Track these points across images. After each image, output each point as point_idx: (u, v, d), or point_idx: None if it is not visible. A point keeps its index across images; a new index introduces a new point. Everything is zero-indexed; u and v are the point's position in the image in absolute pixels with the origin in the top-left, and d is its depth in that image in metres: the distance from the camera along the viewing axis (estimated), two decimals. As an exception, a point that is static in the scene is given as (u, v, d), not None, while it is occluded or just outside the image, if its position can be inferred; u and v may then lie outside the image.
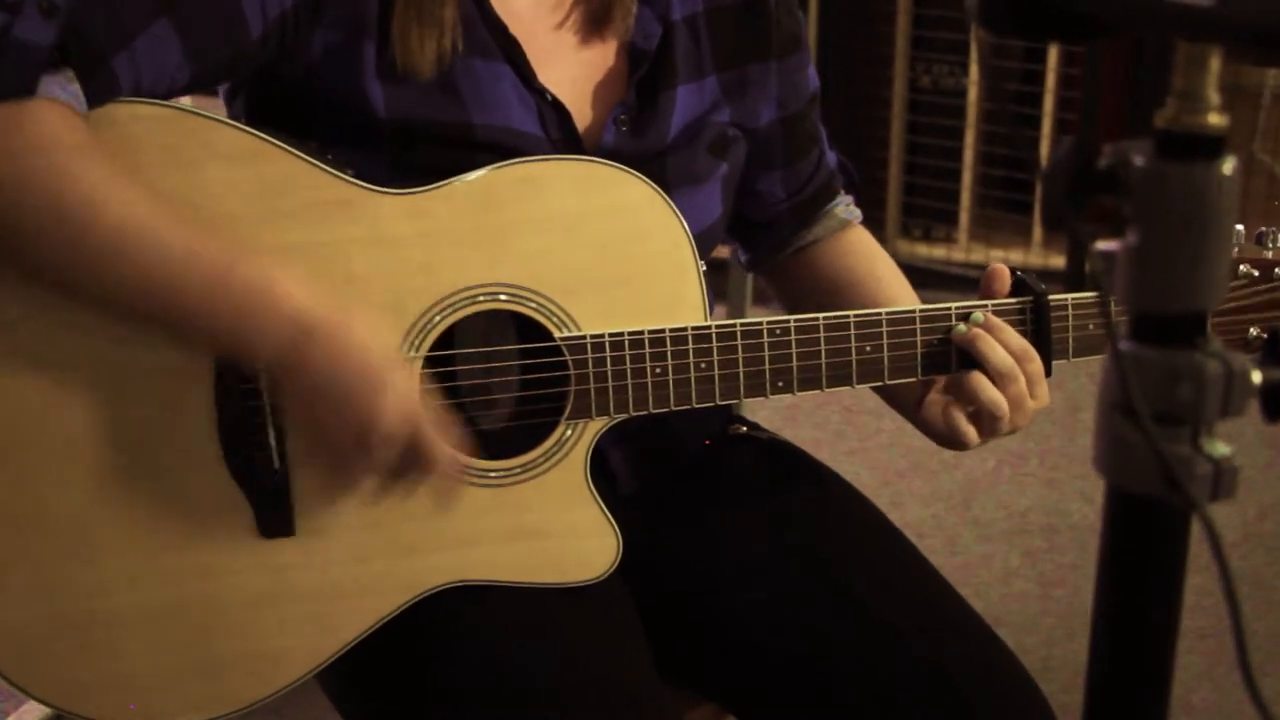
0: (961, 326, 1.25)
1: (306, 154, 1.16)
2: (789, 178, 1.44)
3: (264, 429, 1.17)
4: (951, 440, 1.28)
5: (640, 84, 1.29)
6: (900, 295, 1.42)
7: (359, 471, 1.14)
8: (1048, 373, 1.27)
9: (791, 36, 1.39)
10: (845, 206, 1.49)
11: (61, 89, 1.08)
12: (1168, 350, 0.66)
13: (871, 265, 1.46)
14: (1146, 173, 0.63)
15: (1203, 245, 0.64)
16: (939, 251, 3.97)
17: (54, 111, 1.07)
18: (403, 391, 1.11)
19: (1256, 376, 0.67)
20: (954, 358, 1.26)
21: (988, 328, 1.24)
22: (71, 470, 1.16)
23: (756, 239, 1.49)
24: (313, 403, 1.11)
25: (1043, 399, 1.25)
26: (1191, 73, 0.62)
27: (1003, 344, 1.24)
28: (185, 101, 1.18)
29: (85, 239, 1.07)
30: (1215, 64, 0.62)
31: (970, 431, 1.26)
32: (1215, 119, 0.63)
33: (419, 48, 1.19)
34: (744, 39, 1.35)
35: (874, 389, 1.30)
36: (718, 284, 1.39)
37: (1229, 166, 0.63)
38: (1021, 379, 1.24)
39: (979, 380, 1.23)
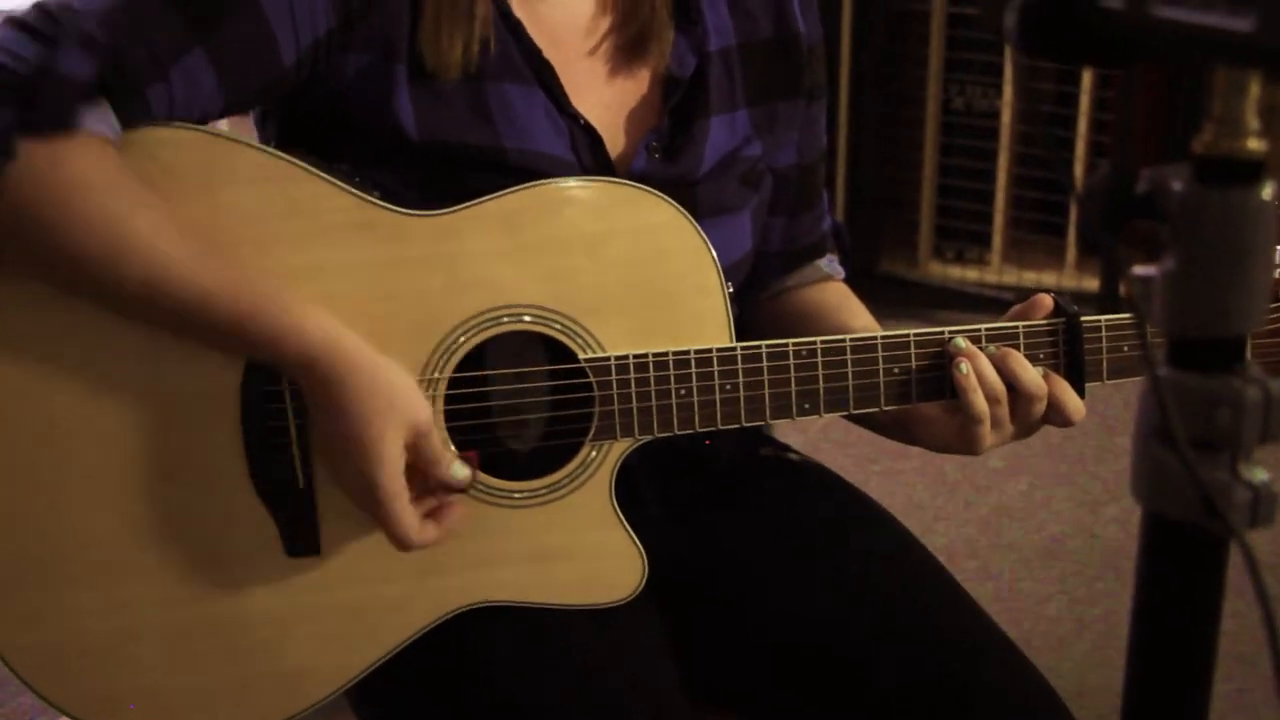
0: (992, 348, 1.24)
1: (333, 176, 1.16)
2: (789, 225, 1.43)
3: (289, 448, 1.17)
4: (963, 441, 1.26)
5: (674, 112, 1.29)
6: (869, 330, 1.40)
7: (375, 505, 1.15)
8: (1081, 394, 1.25)
9: (818, 85, 1.40)
10: (829, 262, 1.48)
11: (100, 121, 1.09)
12: (1206, 376, 0.65)
13: (843, 316, 1.43)
14: (1185, 198, 0.62)
15: (1241, 270, 0.63)
16: (971, 273, 3.96)
17: (90, 148, 1.08)
18: (409, 412, 1.12)
19: (1296, 403, 0.66)
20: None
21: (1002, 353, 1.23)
22: (100, 489, 1.16)
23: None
24: (326, 421, 1.13)
25: (1073, 416, 1.24)
26: (1230, 98, 0.62)
27: (1006, 373, 1.23)
28: (223, 124, 1.19)
29: (114, 277, 1.09)
30: (1254, 89, 0.61)
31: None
32: (1254, 144, 0.62)
33: (448, 46, 1.19)
34: (776, 75, 1.35)
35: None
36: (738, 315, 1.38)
37: (1268, 192, 0.62)
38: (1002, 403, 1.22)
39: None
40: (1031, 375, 1.22)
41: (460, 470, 1.15)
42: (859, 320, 1.41)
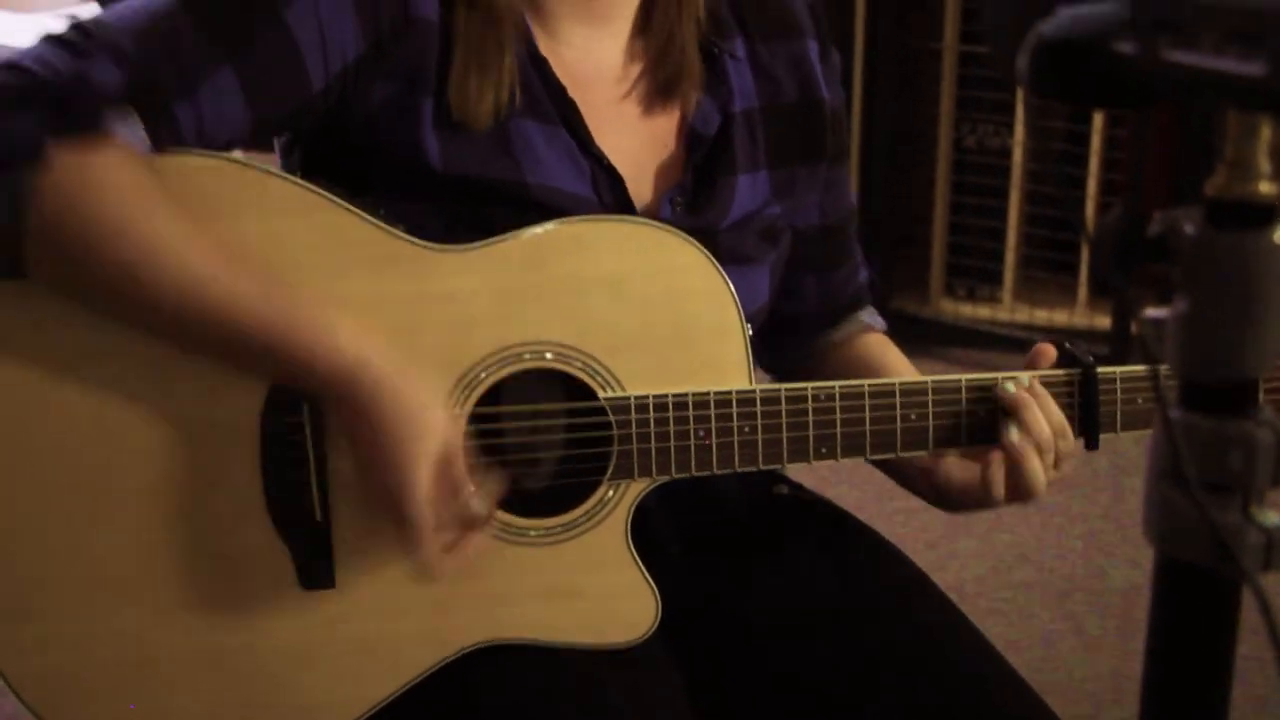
0: (1010, 386, 1.24)
1: (357, 208, 1.17)
2: (821, 283, 1.44)
3: (308, 481, 1.18)
4: (980, 494, 1.26)
5: (697, 168, 1.30)
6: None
7: (401, 530, 1.14)
8: (1095, 446, 1.26)
9: (841, 149, 1.41)
10: (870, 314, 1.49)
11: (128, 129, 1.10)
12: (1218, 418, 0.65)
13: (889, 358, 1.45)
14: (1197, 241, 0.63)
15: (1253, 313, 0.63)
16: (983, 311, 3.96)
17: (120, 153, 1.09)
18: (439, 438, 1.12)
19: (1309, 446, 0.66)
20: (999, 427, 1.25)
21: (1033, 395, 1.24)
22: (116, 517, 1.17)
23: (783, 329, 1.47)
24: (355, 442, 1.14)
25: (1065, 472, 1.26)
26: (1242, 141, 0.62)
27: (1045, 413, 1.23)
28: (238, 153, 1.20)
29: (145, 283, 1.09)
30: (1266, 133, 0.62)
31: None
32: (1266, 187, 0.62)
33: (477, 98, 1.20)
34: (797, 140, 1.36)
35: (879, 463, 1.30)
36: (759, 355, 1.39)
37: (1280, 235, 0.63)
38: (1051, 453, 1.23)
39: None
40: (1042, 424, 1.23)
41: (479, 505, 1.15)
42: (898, 372, 1.41)
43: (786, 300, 1.43)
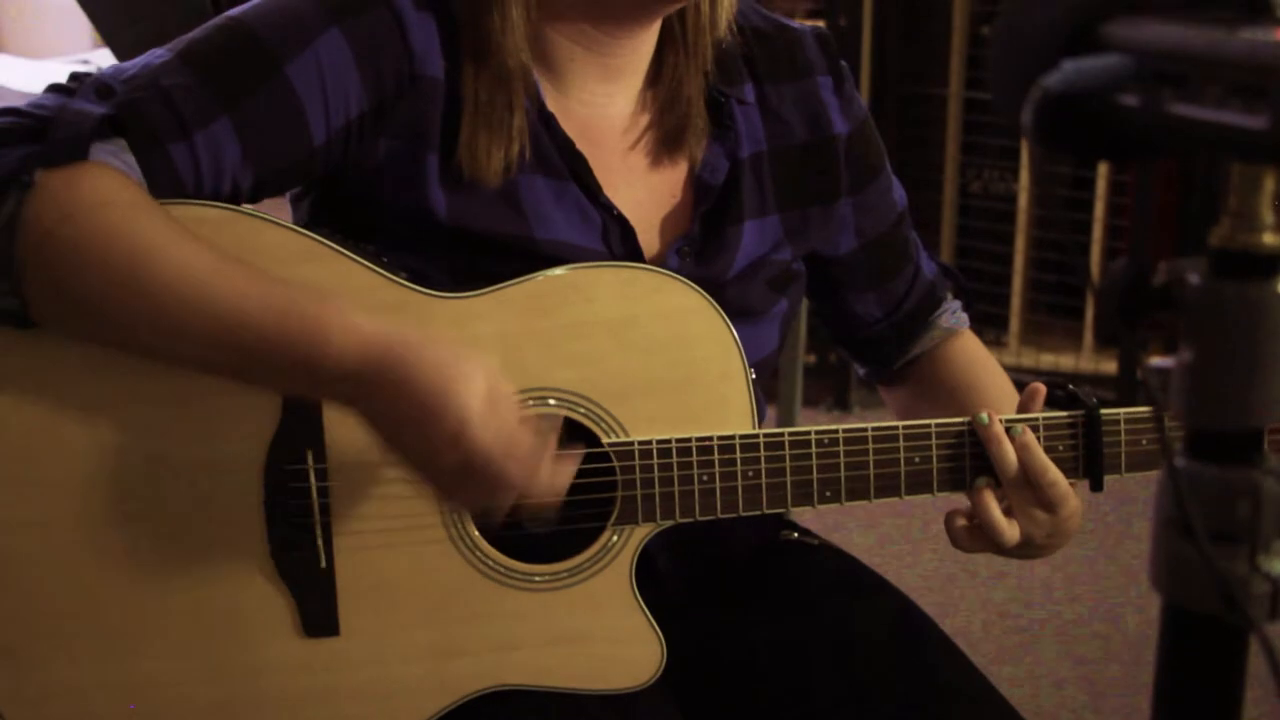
0: (984, 417, 1.24)
1: (360, 257, 1.17)
2: (884, 297, 1.44)
3: (312, 527, 1.18)
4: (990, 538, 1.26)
5: (705, 217, 1.30)
6: (996, 404, 1.38)
7: (465, 494, 1.12)
8: (1099, 488, 1.26)
9: (868, 168, 1.39)
10: (950, 314, 1.48)
11: (114, 156, 1.11)
12: (1224, 468, 0.65)
13: (971, 375, 1.45)
14: (1201, 291, 0.63)
15: (1258, 363, 0.63)
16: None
17: (106, 173, 1.10)
18: (454, 423, 1.06)
19: (1315, 496, 0.66)
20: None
21: (1021, 440, 1.24)
22: (120, 564, 1.17)
23: (863, 355, 1.49)
24: (396, 429, 1.09)
25: (1064, 517, 1.26)
26: (1246, 193, 0.62)
27: (1026, 457, 1.23)
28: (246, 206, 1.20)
29: (143, 294, 1.08)
30: (1270, 185, 0.62)
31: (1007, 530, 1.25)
32: (1270, 239, 0.63)
33: (486, 156, 1.20)
34: (807, 181, 1.35)
35: None
36: (768, 387, 1.39)
37: (1285, 285, 0.63)
38: (1023, 492, 1.24)
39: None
40: (1051, 470, 1.24)
41: (541, 425, 1.11)
42: (981, 399, 1.40)
43: (853, 325, 1.44)
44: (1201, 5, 0.64)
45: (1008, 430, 1.24)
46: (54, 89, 1.14)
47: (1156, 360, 0.88)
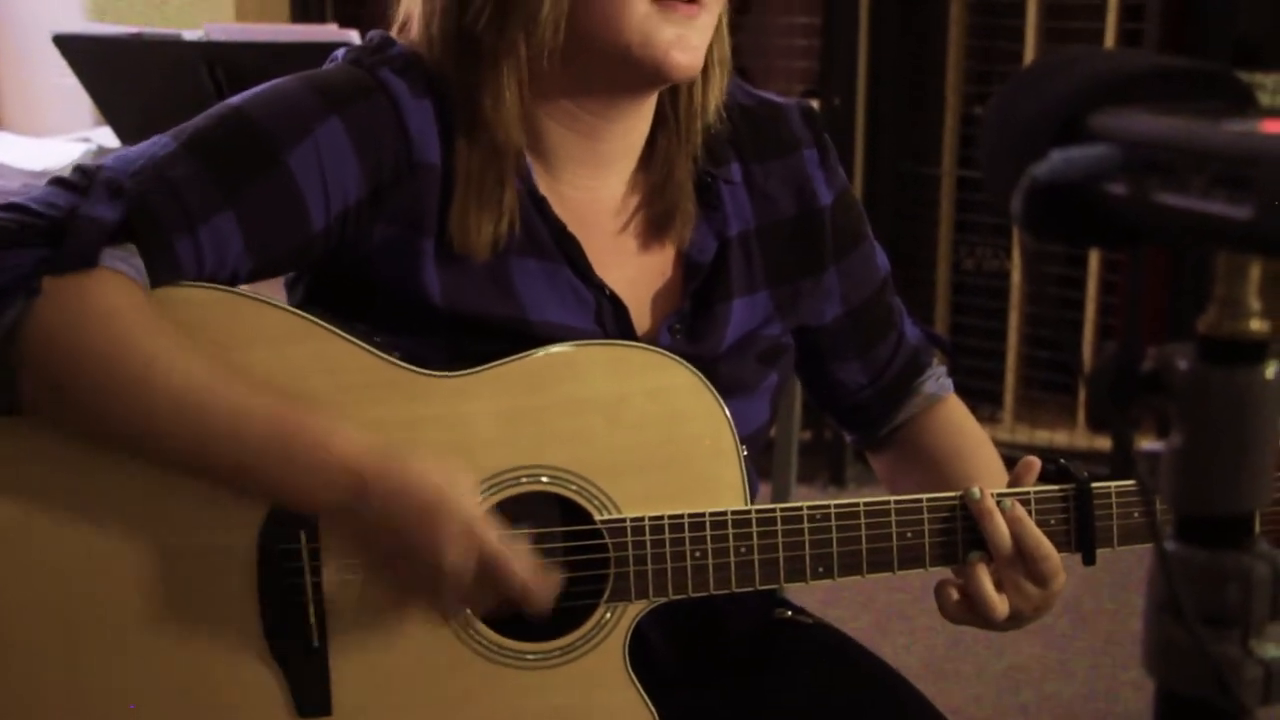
0: (975, 492, 1.25)
1: (354, 336, 1.18)
2: (868, 365, 1.44)
3: (305, 606, 1.18)
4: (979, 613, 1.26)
5: (695, 295, 1.31)
6: (980, 471, 1.41)
7: (444, 606, 1.16)
8: (1092, 561, 1.26)
9: (850, 235, 1.40)
10: (935, 380, 1.48)
11: (123, 261, 1.12)
12: (1214, 551, 0.66)
13: (957, 442, 1.46)
14: (1190, 377, 0.64)
15: (1247, 449, 0.64)
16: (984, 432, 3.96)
17: (114, 282, 1.11)
18: (463, 522, 1.12)
19: (1306, 579, 0.66)
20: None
21: (1013, 515, 1.24)
22: (111, 645, 1.16)
23: (850, 423, 1.50)
24: (377, 548, 1.14)
25: (1055, 590, 1.26)
26: (1232, 280, 0.63)
27: (1019, 532, 1.23)
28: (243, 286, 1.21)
29: (144, 404, 1.11)
30: (1256, 273, 0.63)
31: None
32: (1257, 325, 0.63)
33: (476, 230, 1.21)
34: (796, 255, 1.36)
35: None
36: (762, 462, 1.40)
37: (1272, 371, 0.63)
38: (1015, 568, 1.24)
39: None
40: (1043, 544, 1.23)
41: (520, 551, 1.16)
42: (967, 465, 1.42)
43: (838, 393, 1.45)
44: (1187, 97, 0.66)
45: (998, 504, 1.24)
46: (64, 184, 1.15)
47: (1147, 444, 0.89)
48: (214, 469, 1.14)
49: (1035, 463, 1.29)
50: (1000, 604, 1.24)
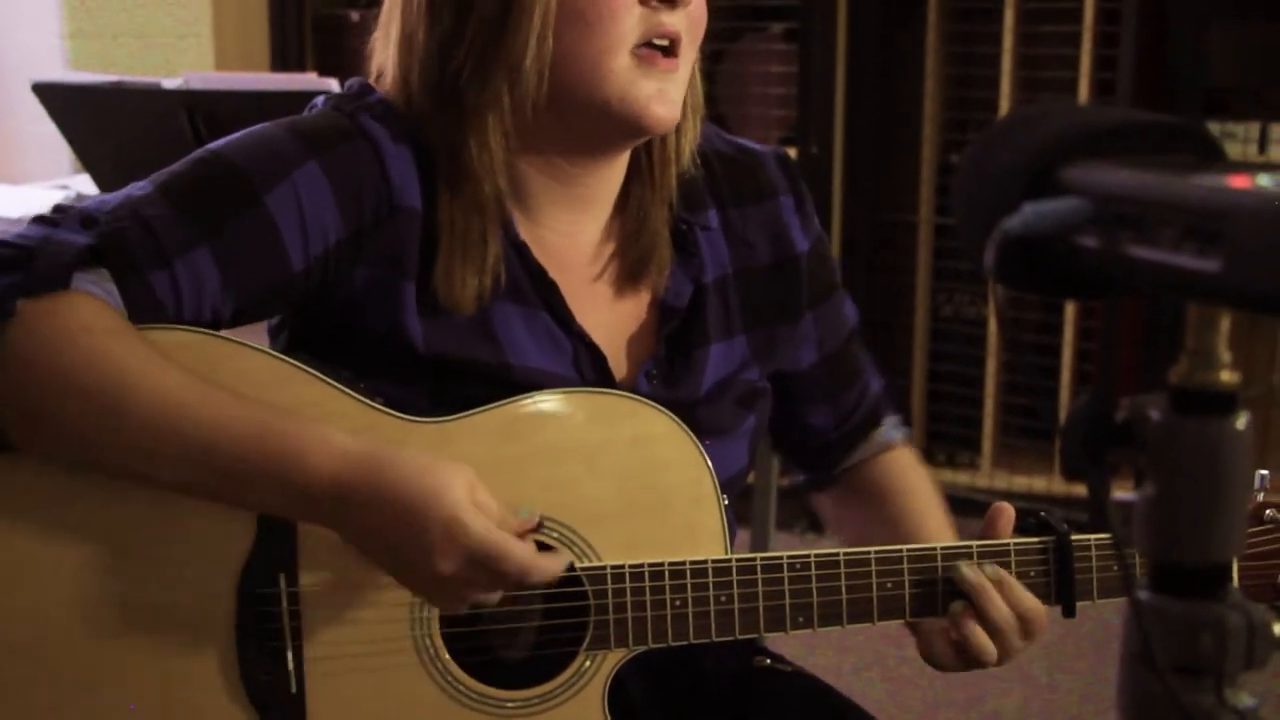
0: (965, 569, 1.25)
1: (337, 381, 1.18)
2: (836, 410, 1.45)
3: (283, 651, 1.17)
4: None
5: (670, 339, 1.32)
6: (926, 506, 1.43)
7: (462, 590, 1.13)
8: (1072, 614, 1.27)
9: (824, 284, 1.42)
10: (891, 428, 1.50)
11: (95, 285, 1.13)
12: (1188, 602, 0.66)
13: (907, 482, 1.47)
14: (1162, 428, 0.64)
15: (1218, 499, 0.64)
16: (963, 478, 3.97)
17: (86, 302, 1.12)
18: (444, 524, 1.09)
19: (1278, 629, 0.67)
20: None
21: (1000, 581, 1.25)
22: (88, 687, 1.16)
23: (807, 462, 1.51)
24: (382, 538, 1.12)
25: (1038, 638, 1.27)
26: (1203, 332, 0.64)
27: (1011, 598, 1.24)
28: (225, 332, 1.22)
29: (122, 419, 1.10)
30: (1225, 324, 0.64)
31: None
32: (1227, 376, 0.64)
33: (461, 284, 1.22)
34: (773, 300, 1.37)
35: None
36: (740, 508, 1.40)
37: (1242, 422, 0.64)
38: (1015, 634, 1.25)
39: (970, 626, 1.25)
40: (1032, 602, 1.24)
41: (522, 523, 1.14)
42: (920, 502, 1.43)
43: (805, 436, 1.45)
44: (1157, 150, 0.67)
45: (979, 565, 1.24)
46: (38, 220, 1.16)
47: (1122, 493, 0.89)
48: (197, 480, 1.13)
49: (1007, 509, 1.29)
50: (993, 650, 1.24)
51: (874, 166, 3.87)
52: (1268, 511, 1.28)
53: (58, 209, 1.17)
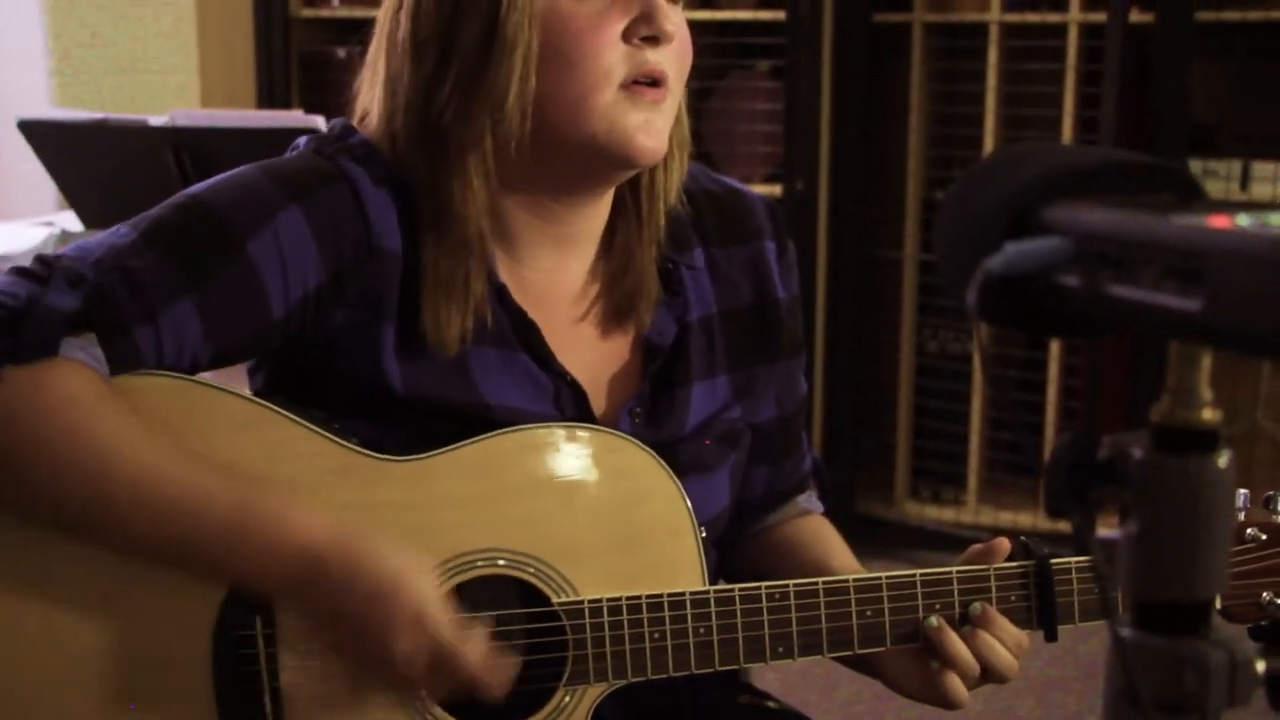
0: (933, 620, 1.25)
1: (312, 423, 1.18)
2: (773, 473, 1.44)
3: (261, 695, 1.17)
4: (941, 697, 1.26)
5: (655, 378, 1.32)
6: (837, 551, 1.41)
7: (397, 693, 1.15)
8: (1054, 637, 1.27)
9: (795, 339, 1.42)
10: (807, 498, 1.49)
11: (82, 350, 1.13)
12: (1171, 639, 0.66)
13: (821, 536, 1.45)
14: (1144, 465, 0.65)
15: (1200, 536, 0.65)
16: (948, 514, 3.97)
17: (74, 371, 1.12)
18: (414, 611, 1.12)
19: (1261, 666, 0.67)
20: (956, 624, 1.26)
21: (986, 622, 1.25)
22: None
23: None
24: (331, 632, 1.14)
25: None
26: (1185, 370, 0.64)
27: (1001, 635, 1.24)
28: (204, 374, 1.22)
29: (103, 492, 1.11)
30: (1206, 362, 0.64)
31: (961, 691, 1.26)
32: (1209, 414, 0.65)
33: (447, 325, 1.22)
34: (755, 341, 1.37)
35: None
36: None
37: (1224, 460, 0.64)
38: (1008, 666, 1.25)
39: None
40: (1014, 636, 1.24)
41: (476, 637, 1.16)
42: (834, 553, 1.41)
43: (740, 493, 1.44)
44: (1139, 190, 0.67)
45: (969, 609, 1.25)
46: (23, 274, 1.15)
47: (1106, 531, 0.90)
48: (172, 554, 1.14)
49: (1004, 544, 1.29)
50: (975, 663, 1.25)
51: (859, 203, 3.89)
52: (1249, 530, 1.29)
53: (41, 262, 1.16)
